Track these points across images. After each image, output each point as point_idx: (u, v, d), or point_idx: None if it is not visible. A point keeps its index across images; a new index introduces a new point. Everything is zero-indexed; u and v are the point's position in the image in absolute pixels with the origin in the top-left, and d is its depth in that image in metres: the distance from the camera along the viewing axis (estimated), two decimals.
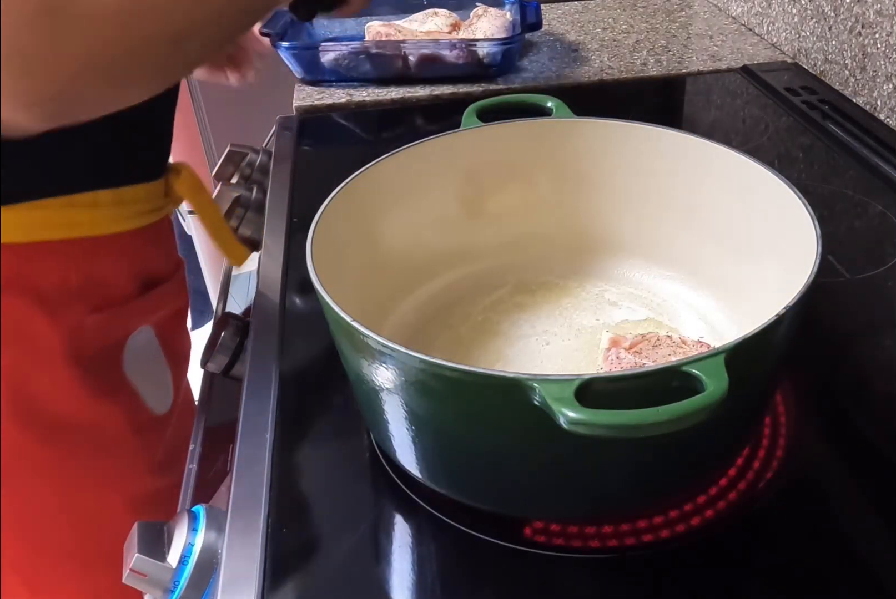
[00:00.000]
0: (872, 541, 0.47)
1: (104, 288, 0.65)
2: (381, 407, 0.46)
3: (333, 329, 0.47)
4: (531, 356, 0.57)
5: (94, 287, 0.63)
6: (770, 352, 0.45)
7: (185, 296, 0.76)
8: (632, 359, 0.51)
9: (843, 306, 0.65)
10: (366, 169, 0.56)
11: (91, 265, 0.63)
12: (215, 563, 0.47)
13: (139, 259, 0.68)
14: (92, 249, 0.63)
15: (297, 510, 0.51)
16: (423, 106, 1.03)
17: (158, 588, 0.47)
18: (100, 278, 0.64)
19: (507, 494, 0.47)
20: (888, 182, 0.79)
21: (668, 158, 0.59)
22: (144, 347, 0.70)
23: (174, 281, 0.73)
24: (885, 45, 0.86)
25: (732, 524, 0.48)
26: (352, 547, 0.48)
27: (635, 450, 0.42)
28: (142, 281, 0.68)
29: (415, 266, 0.61)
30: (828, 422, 0.55)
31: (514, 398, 0.38)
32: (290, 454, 0.54)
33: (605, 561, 0.47)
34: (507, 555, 0.47)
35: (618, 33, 1.19)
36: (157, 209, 0.68)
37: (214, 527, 0.49)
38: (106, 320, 0.65)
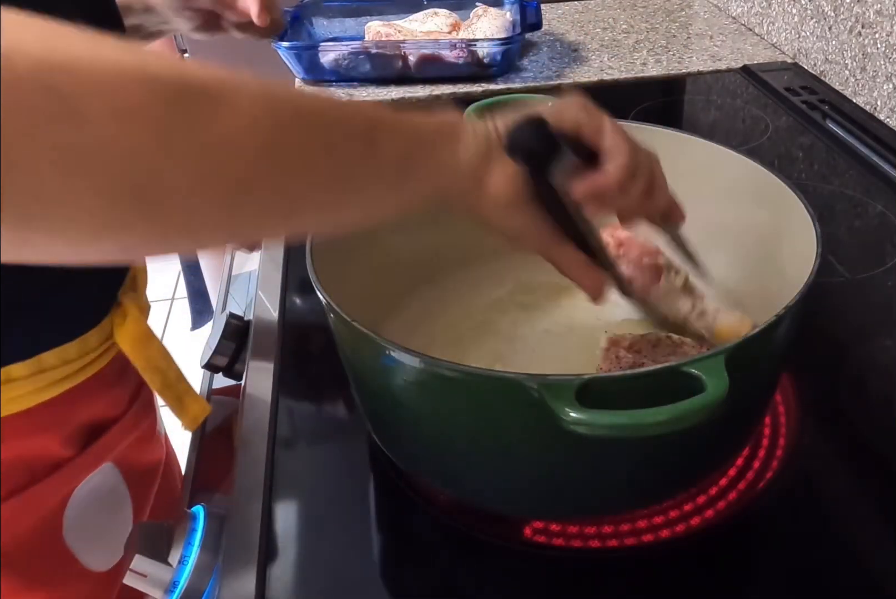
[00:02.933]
0: (872, 541, 0.47)
1: (26, 466, 0.52)
2: (381, 406, 0.46)
3: (334, 329, 0.47)
4: (531, 356, 0.57)
5: (11, 470, 0.51)
6: (770, 352, 0.45)
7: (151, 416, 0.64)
8: (631, 359, 0.51)
9: (843, 306, 0.65)
10: None
11: (7, 448, 0.50)
12: (215, 563, 0.47)
13: (75, 419, 0.55)
14: (7, 429, 0.50)
15: (298, 510, 0.51)
16: (423, 106, 1.03)
17: (158, 588, 0.47)
18: (19, 459, 0.52)
19: (507, 494, 0.47)
20: (888, 182, 0.79)
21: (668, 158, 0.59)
22: (98, 489, 0.58)
23: (131, 413, 0.60)
24: (885, 45, 0.86)
25: (732, 524, 0.48)
26: (352, 547, 0.48)
27: (635, 450, 0.42)
28: (83, 438, 0.56)
29: (415, 266, 0.61)
30: (828, 422, 0.55)
31: (515, 398, 0.38)
32: (289, 454, 0.54)
33: (605, 561, 0.47)
34: (507, 555, 0.47)
35: (618, 33, 1.19)
36: (94, 361, 0.54)
37: (214, 527, 0.49)
38: (30, 498, 0.53)
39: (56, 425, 0.53)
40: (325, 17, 1.17)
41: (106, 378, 0.56)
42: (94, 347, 0.53)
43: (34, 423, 0.51)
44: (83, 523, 0.57)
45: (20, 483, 0.52)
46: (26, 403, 0.50)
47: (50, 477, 0.54)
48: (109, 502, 0.60)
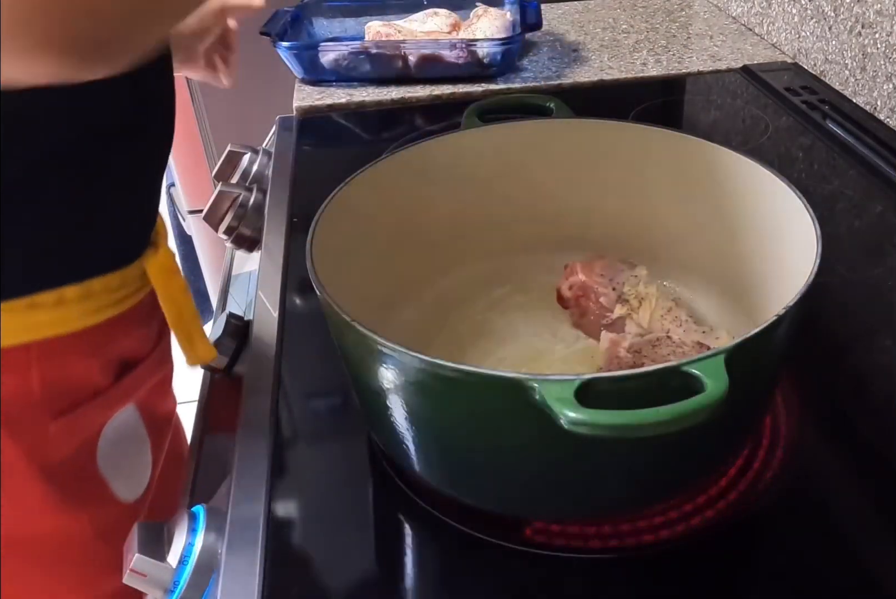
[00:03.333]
0: (872, 541, 0.47)
1: (71, 388, 0.58)
2: (381, 406, 0.46)
3: (333, 329, 0.47)
4: (531, 356, 0.57)
5: (60, 389, 0.57)
6: (770, 352, 0.45)
7: (169, 363, 0.70)
8: (631, 359, 0.51)
9: (843, 306, 0.65)
10: (366, 169, 0.56)
11: (55, 368, 0.56)
12: (215, 563, 0.47)
13: (111, 349, 0.61)
14: (56, 349, 0.56)
15: (297, 510, 0.51)
16: (423, 106, 1.03)
17: (158, 588, 0.47)
18: (65, 380, 0.58)
19: (507, 494, 0.47)
20: (888, 182, 0.79)
21: (668, 158, 0.59)
22: (123, 429, 0.64)
23: (155, 355, 0.66)
24: (885, 45, 0.86)
25: (732, 524, 0.48)
26: (352, 547, 0.48)
27: (635, 450, 0.42)
28: (116, 369, 0.62)
29: (414, 266, 0.61)
30: (828, 422, 0.55)
31: (515, 398, 0.38)
32: (290, 454, 0.54)
33: (605, 561, 0.47)
34: (507, 555, 0.47)
35: (618, 33, 1.19)
36: (130, 295, 0.61)
37: (214, 527, 0.49)
38: (75, 420, 0.59)
39: (97, 352, 0.59)
40: (325, 17, 1.17)
41: (138, 314, 0.63)
42: (133, 280, 0.60)
43: (79, 347, 0.57)
44: (113, 455, 0.63)
45: (64, 405, 0.58)
46: (74, 326, 0.56)
47: (89, 404, 0.60)
48: (133, 440, 0.66)
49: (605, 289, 0.56)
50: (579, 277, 0.58)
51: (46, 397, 0.56)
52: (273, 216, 0.80)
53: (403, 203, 0.59)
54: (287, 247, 0.74)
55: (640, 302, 0.55)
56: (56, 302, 0.54)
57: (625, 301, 0.56)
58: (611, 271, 0.58)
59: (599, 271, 0.58)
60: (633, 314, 0.55)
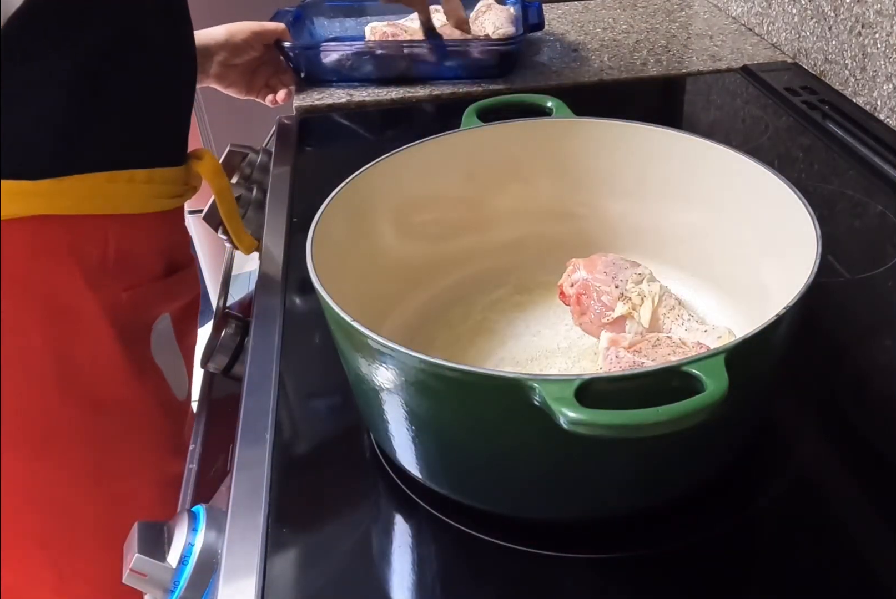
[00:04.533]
0: (872, 541, 0.47)
1: (137, 265, 0.68)
2: (380, 407, 0.46)
3: (333, 329, 0.47)
4: (531, 356, 0.57)
5: (129, 263, 0.67)
6: (770, 352, 0.45)
7: (198, 288, 0.79)
8: (631, 359, 0.51)
9: (843, 306, 0.65)
10: (366, 169, 0.56)
11: (127, 241, 0.66)
12: (215, 563, 0.47)
13: (165, 240, 0.72)
14: (128, 226, 0.66)
15: (297, 510, 0.51)
16: (423, 106, 1.03)
17: (158, 588, 0.47)
18: (134, 255, 0.67)
19: (507, 494, 0.47)
20: (888, 182, 0.79)
21: (668, 158, 0.59)
22: (164, 334, 0.73)
23: (190, 270, 0.77)
24: (885, 45, 0.86)
25: (732, 524, 0.48)
26: (352, 547, 0.48)
27: (635, 450, 0.42)
28: (166, 262, 0.72)
29: (415, 266, 0.61)
30: (828, 422, 0.55)
31: (514, 398, 0.38)
32: (290, 454, 0.54)
33: (605, 561, 0.47)
34: (507, 555, 0.47)
35: (618, 33, 1.19)
36: (179, 195, 0.72)
37: (214, 527, 0.49)
38: (138, 297, 0.68)
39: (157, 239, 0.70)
40: (326, 17, 1.17)
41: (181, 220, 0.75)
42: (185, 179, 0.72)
43: (145, 230, 0.68)
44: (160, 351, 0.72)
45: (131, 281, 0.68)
46: (142, 207, 0.67)
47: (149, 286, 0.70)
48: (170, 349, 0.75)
49: (607, 287, 0.56)
50: (582, 274, 0.57)
51: (120, 267, 0.66)
52: (273, 216, 0.80)
53: (403, 203, 0.59)
54: (287, 247, 0.74)
55: (642, 299, 0.55)
56: (129, 180, 0.65)
57: (627, 298, 0.55)
58: (614, 269, 0.58)
59: (602, 268, 0.57)
60: (634, 312, 0.55)
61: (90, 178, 0.62)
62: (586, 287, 0.57)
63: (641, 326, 0.55)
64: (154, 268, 0.71)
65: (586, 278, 0.57)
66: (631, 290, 0.56)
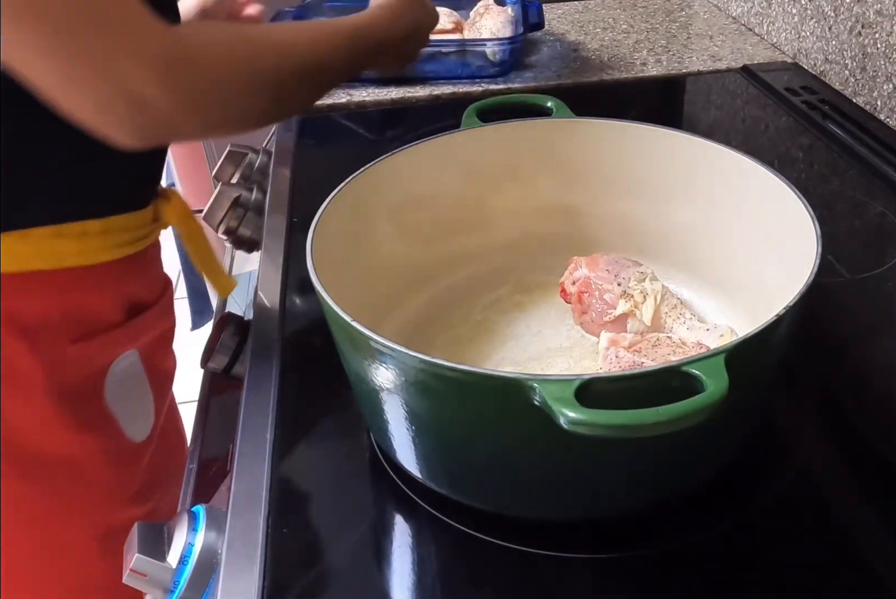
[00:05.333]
0: (872, 541, 0.47)
1: (87, 317, 0.63)
2: (381, 406, 0.46)
3: (333, 329, 0.47)
4: (531, 355, 0.57)
5: (78, 317, 0.62)
6: (770, 352, 0.45)
7: (172, 318, 0.75)
8: (631, 358, 0.51)
9: (843, 306, 0.65)
10: (366, 169, 0.56)
11: (75, 295, 0.62)
12: (215, 563, 0.47)
13: (125, 287, 0.66)
14: (77, 279, 0.61)
15: (297, 510, 0.51)
16: (423, 106, 1.03)
17: (158, 588, 0.47)
18: (83, 308, 0.63)
19: (506, 494, 0.47)
20: (888, 182, 0.79)
21: (668, 158, 0.59)
22: (128, 372, 0.68)
23: (160, 304, 0.71)
24: (885, 45, 0.86)
25: (732, 524, 0.48)
26: (352, 547, 0.48)
27: (635, 450, 0.42)
28: (127, 308, 0.67)
29: (415, 266, 0.61)
30: (828, 422, 0.55)
31: (514, 398, 0.38)
32: (290, 454, 0.54)
33: (605, 561, 0.47)
34: (507, 555, 0.47)
35: (618, 33, 1.19)
36: (144, 237, 0.67)
37: (214, 527, 0.49)
38: (88, 349, 0.63)
39: (112, 288, 0.65)
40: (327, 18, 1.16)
41: (148, 260, 0.69)
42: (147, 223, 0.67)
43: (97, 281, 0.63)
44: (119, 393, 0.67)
45: (80, 333, 0.63)
46: (95, 258, 0.62)
47: (101, 336, 0.64)
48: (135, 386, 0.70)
49: (609, 285, 0.56)
50: (583, 272, 0.57)
51: (65, 321, 0.61)
52: (273, 216, 0.80)
53: (403, 203, 0.59)
54: (287, 247, 0.74)
55: (644, 297, 0.55)
56: (80, 233, 0.60)
57: (629, 296, 0.55)
58: (616, 267, 0.57)
59: (605, 266, 0.57)
60: (636, 310, 0.55)
61: (33, 234, 0.57)
62: (588, 284, 0.57)
63: (644, 324, 0.54)
64: (109, 316, 0.65)
65: (588, 276, 0.57)
66: (633, 288, 0.56)
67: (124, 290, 0.66)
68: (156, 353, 0.72)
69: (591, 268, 0.57)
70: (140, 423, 0.71)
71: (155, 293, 0.71)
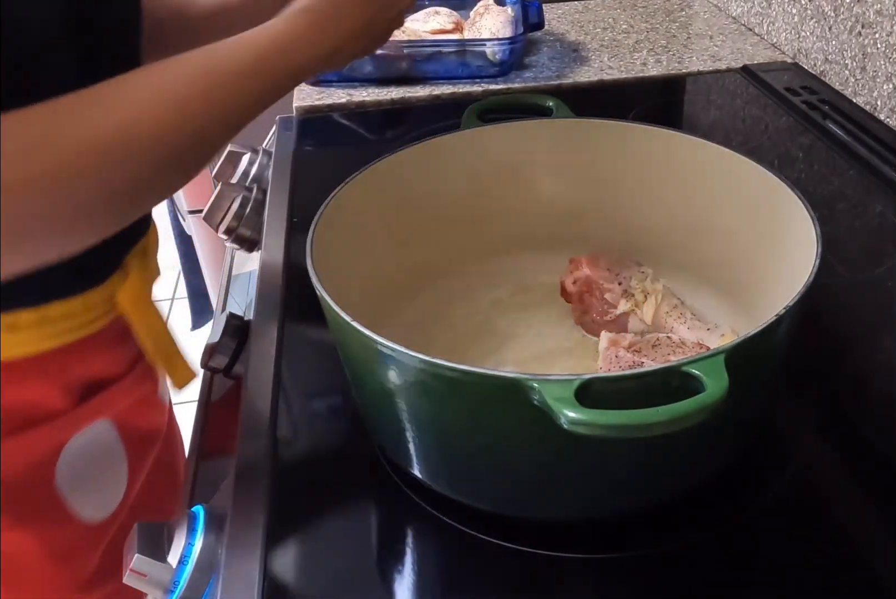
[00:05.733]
0: (872, 541, 0.47)
1: (25, 410, 0.55)
2: (380, 406, 0.46)
3: (333, 329, 0.47)
4: (532, 356, 0.57)
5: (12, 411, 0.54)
6: (770, 352, 0.45)
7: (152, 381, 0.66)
8: (630, 358, 0.51)
9: (843, 306, 0.65)
10: (366, 169, 0.56)
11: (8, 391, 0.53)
12: (215, 563, 0.47)
13: (75, 373, 0.57)
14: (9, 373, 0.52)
15: (298, 510, 0.51)
16: (423, 106, 1.03)
17: (158, 588, 0.47)
18: (19, 402, 0.54)
19: (507, 494, 0.47)
20: (888, 182, 0.79)
21: (668, 158, 0.59)
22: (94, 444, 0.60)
23: (132, 375, 0.62)
24: (885, 45, 0.86)
25: (732, 524, 0.48)
26: (352, 547, 0.48)
27: (635, 450, 0.42)
28: (82, 391, 0.58)
29: (415, 266, 0.61)
30: (828, 422, 0.55)
31: (514, 398, 0.38)
32: (290, 454, 0.54)
33: (605, 561, 0.47)
34: (507, 555, 0.47)
35: (618, 33, 1.19)
36: (96, 319, 0.56)
37: (214, 527, 0.49)
38: (27, 441, 0.55)
39: (56, 376, 0.55)
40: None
41: (108, 337, 0.58)
42: (97, 305, 0.56)
43: (35, 371, 0.54)
44: (76, 473, 0.59)
45: (16, 425, 0.54)
46: (29, 350, 0.53)
47: (45, 425, 0.56)
48: (104, 458, 0.62)
49: (610, 284, 0.56)
50: (584, 272, 0.57)
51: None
52: (273, 216, 0.80)
53: (403, 203, 0.59)
54: (287, 247, 0.74)
55: (645, 296, 0.55)
56: (9, 326, 0.51)
57: (630, 295, 0.55)
58: (617, 266, 0.57)
59: (606, 266, 0.57)
60: (637, 309, 0.55)
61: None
62: (589, 284, 0.57)
63: (645, 324, 0.55)
64: (56, 404, 0.56)
65: (589, 275, 0.57)
66: (635, 288, 0.56)
67: (73, 376, 0.57)
68: (137, 415, 0.64)
69: (592, 268, 0.57)
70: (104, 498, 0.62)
71: (122, 366, 0.61)
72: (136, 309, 0.59)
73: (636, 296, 0.55)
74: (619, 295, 0.56)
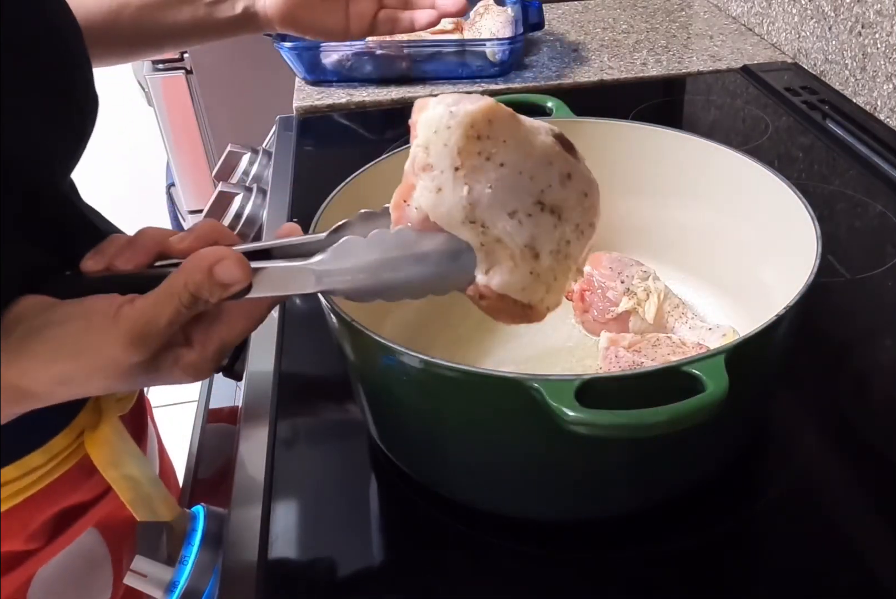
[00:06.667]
0: (873, 541, 0.47)
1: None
2: (381, 406, 0.46)
3: (334, 329, 0.47)
4: (532, 355, 0.57)
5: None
6: (770, 352, 0.45)
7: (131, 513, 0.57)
8: (630, 358, 0.51)
9: (843, 306, 0.65)
10: (366, 169, 0.56)
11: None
12: (215, 563, 0.47)
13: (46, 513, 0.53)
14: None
15: (297, 510, 0.51)
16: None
17: (158, 588, 0.47)
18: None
19: (506, 494, 0.47)
20: (888, 182, 0.79)
21: (669, 158, 0.59)
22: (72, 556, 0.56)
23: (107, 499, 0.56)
24: (885, 45, 0.86)
25: (732, 524, 0.48)
26: (352, 547, 0.48)
27: (635, 450, 0.42)
28: (50, 529, 0.54)
29: None
30: (827, 423, 0.55)
31: (515, 398, 0.38)
32: (290, 454, 0.54)
33: (605, 561, 0.47)
34: (507, 555, 0.47)
35: (618, 33, 1.19)
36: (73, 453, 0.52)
37: (214, 527, 0.49)
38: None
39: (22, 525, 0.51)
40: None
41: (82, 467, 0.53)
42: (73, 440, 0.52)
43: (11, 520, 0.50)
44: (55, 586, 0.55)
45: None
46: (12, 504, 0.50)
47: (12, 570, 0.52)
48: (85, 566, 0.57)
49: (612, 283, 0.56)
50: (586, 270, 0.57)
51: None
52: (273, 216, 0.80)
53: None
54: None
55: (647, 295, 0.55)
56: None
57: (633, 294, 0.55)
58: (619, 265, 0.57)
59: (608, 264, 0.57)
60: (639, 308, 0.55)
61: None
62: (591, 282, 0.57)
63: (646, 322, 0.54)
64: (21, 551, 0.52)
65: (591, 273, 0.57)
66: (637, 286, 0.56)
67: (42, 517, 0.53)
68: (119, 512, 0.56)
69: (594, 266, 0.57)
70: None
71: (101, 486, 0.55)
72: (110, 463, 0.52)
73: (638, 294, 0.55)
74: (621, 293, 0.56)
